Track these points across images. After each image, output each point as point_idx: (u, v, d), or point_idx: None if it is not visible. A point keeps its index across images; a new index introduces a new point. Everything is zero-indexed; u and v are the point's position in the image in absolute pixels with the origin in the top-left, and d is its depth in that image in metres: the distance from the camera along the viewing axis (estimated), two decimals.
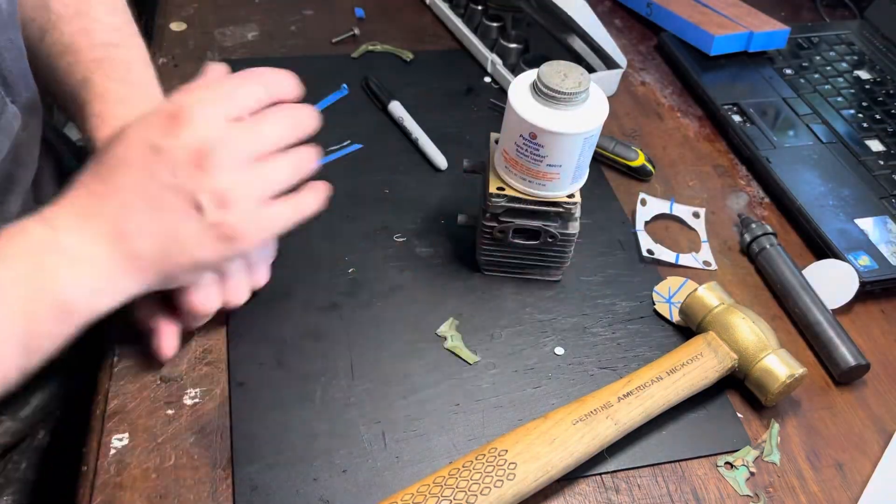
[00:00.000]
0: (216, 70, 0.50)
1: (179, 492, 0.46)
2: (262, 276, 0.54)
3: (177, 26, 0.82)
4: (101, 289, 0.44)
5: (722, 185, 0.72)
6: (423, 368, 0.54)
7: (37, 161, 0.59)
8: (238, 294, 0.51)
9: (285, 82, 0.49)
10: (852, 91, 0.82)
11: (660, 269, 0.63)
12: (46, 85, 0.58)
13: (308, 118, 0.49)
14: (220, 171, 0.43)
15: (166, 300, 0.50)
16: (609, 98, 0.74)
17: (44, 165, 0.62)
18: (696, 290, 0.56)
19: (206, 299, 0.49)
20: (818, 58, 0.86)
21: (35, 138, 0.58)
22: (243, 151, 0.44)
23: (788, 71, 0.84)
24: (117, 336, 0.53)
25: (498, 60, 0.79)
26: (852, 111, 0.79)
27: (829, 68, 0.85)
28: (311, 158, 0.49)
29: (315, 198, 0.51)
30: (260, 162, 0.45)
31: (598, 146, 0.69)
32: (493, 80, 0.80)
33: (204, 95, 0.45)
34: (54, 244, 0.42)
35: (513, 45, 0.79)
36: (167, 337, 0.51)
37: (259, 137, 0.46)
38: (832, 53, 0.87)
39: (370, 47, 0.83)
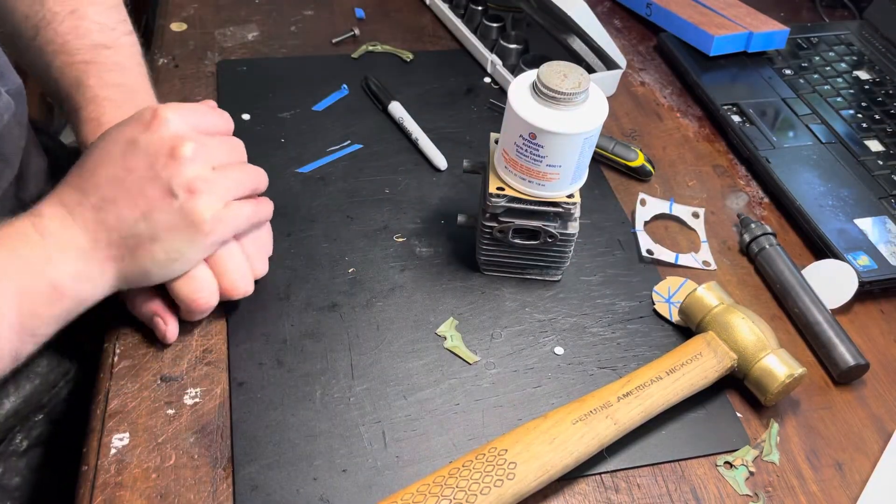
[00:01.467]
0: (205, 103, 0.55)
1: (180, 491, 0.46)
2: (261, 268, 0.55)
3: (177, 27, 0.82)
4: (85, 276, 0.47)
5: (721, 186, 0.72)
6: (423, 368, 0.54)
7: (20, 155, 0.59)
8: (237, 285, 0.52)
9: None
10: (851, 91, 0.82)
11: (659, 268, 0.63)
12: (41, 83, 0.59)
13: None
14: (191, 163, 0.47)
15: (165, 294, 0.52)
16: (609, 98, 0.75)
17: (30, 163, 0.62)
18: (695, 289, 0.56)
19: (193, 290, 0.50)
20: (817, 58, 0.87)
21: (21, 127, 0.58)
22: (210, 153, 0.49)
23: (788, 71, 0.84)
24: (117, 336, 0.53)
25: (498, 61, 0.79)
26: (851, 111, 0.79)
27: (828, 69, 0.85)
28: (264, 177, 0.55)
29: (270, 207, 0.55)
30: (224, 166, 0.50)
31: (597, 146, 0.69)
32: (493, 80, 0.80)
33: (179, 106, 0.49)
34: (42, 231, 0.46)
35: (513, 46, 0.79)
36: (169, 322, 0.52)
37: (223, 146, 0.51)
38: (831, 54, 0.87)
39: (370, 47, 0.83)
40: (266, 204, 0.55)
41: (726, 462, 0.51)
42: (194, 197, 0.47)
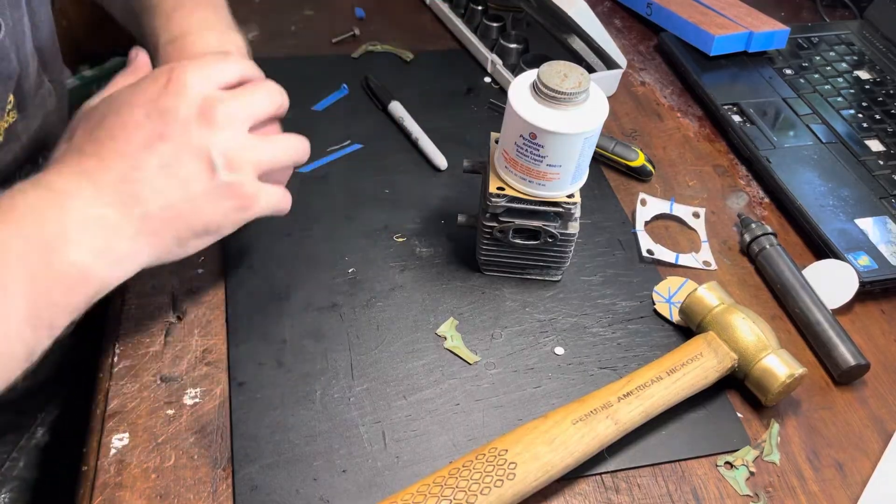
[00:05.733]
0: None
1: (179, 492, 0.46)
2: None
3: None
4: (114, 253, 0.41)
5: (722, 185, 0.72)
6: (423, 368, 0.54)
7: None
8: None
9: (256, 71, 0.51)
10: (852, 91, 0.82)
11: (660, 269, 0.63)
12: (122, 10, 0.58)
13: (280, 92, 0.50)
14: (227, 128, 0.44)
15: None
16: (609, 98, 0.75)
17: None
18: (695, 289, 0.56)
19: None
20: (818, 58, 0.86)
21: (63, 123, 0.58)
22: (244, 114, 0.45)
23: (788, 71, 0.84)
24: (117, 336, 0.53)
25: (498, 60, 0.79)
26: (852, 111, 0.79)
27: (828, 68, 0.85)
28: (303, 147, 0.51)
29: (288, 196, 0.51)
30: (257, 134, 0.46)
31: (598, 146, 0.69)
32: (493, 80, 0.80)
33: (192, 63, 0.45)
34: (59, 207, 0.40)
35: (513, 45, 0.79)
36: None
37: (253, 106, 0.46)
38: (832, 54, 0.87)
39: (370, 47, 0.83)
40: (284, 194, 0.51)
41: (727, 462, 0.51)
42: (235, 172, 0.44)
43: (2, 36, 0.44)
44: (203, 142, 0.43)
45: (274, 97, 0.48)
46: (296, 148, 0.50)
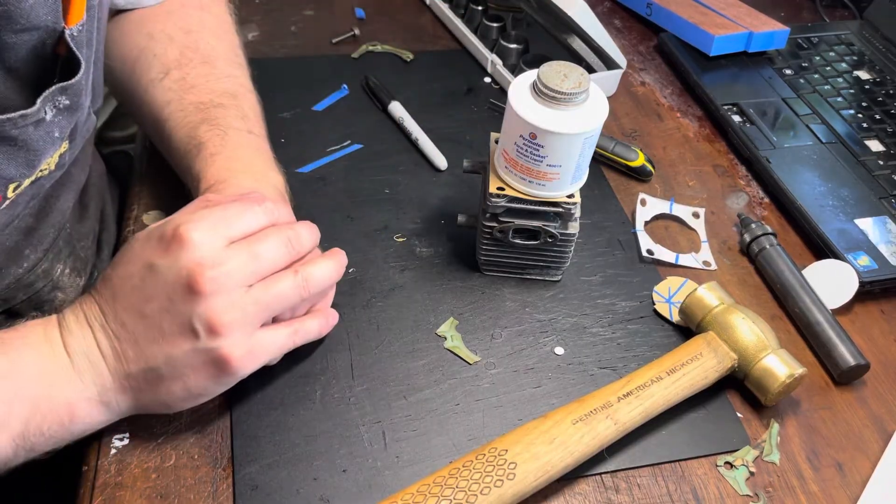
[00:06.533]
0: (224, 195, 0.49)
1: (180, 491, 0.46)
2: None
3: None
4: (101, 402, 0.44)
5: (722, 185, 0.72)
6: (423, 368, 0.54)
7: (89, 161, 0.60)
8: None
9: (284, 212, 0.50)
10: (852, 91, 0.82)
11: (659, 269, 0.63)
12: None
13: (308, 234, 0.49)
14: (214, 295, 0.42)
15: None
16: (609, 98, 0.75)
17: (91, 172, 0.63)
18: (695, 289, 0.56)
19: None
20: (818, 58, 0.86)
21: (90, 141, 0.60)
22: (239, 274, 0.44)
23: (788, 71, 0.84)
24: None
25: (498, 60, 0.79)
26: (852, 111, 0.79)
27: (828, 69, 0.85)
28: (322, 277, 0.48)
29: (319, 324, 0.51)
30: (257, 285, 0.45)
31: (598, 146, 0.69)
32: (493, 80, 0.80)
33: (205, 216, 0.44)
34: (69, 350, 0.44)
35: (513, 46, 0.79)
36: None
37: (255, 260, 0.45)
38: (832, 54, 0.87)
39: (370, 47, 0.83)
40: (314, 322, 0.50)
41: (727, 462, 0.51)
42: (218, 337, 0.43)
43: (82, 73, 0.44)
44: (185, 309, 0.42)
45: (284, 246, 0.46)
46: (303, 283, 0.47)
